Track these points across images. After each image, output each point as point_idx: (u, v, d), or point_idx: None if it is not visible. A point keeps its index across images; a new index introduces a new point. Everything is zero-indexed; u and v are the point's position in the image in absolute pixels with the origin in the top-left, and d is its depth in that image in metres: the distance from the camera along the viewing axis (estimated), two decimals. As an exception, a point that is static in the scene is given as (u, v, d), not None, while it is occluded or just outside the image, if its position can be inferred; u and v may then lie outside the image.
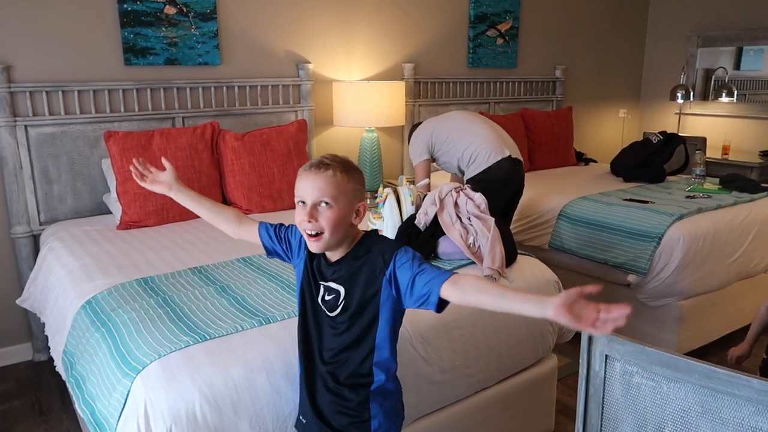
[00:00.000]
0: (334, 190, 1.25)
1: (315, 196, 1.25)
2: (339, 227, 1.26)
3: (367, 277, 1.29)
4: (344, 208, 1.26)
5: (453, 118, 3.02)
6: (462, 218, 2.14)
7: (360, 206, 1.31)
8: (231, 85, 3.32)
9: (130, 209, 2.67)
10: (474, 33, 4.33)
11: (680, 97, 5.10)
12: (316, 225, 1.26)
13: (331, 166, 1.26)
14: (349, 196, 1.27)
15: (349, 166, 1.31)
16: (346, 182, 1.27)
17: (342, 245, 1.32)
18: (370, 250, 1.31)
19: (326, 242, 1.28)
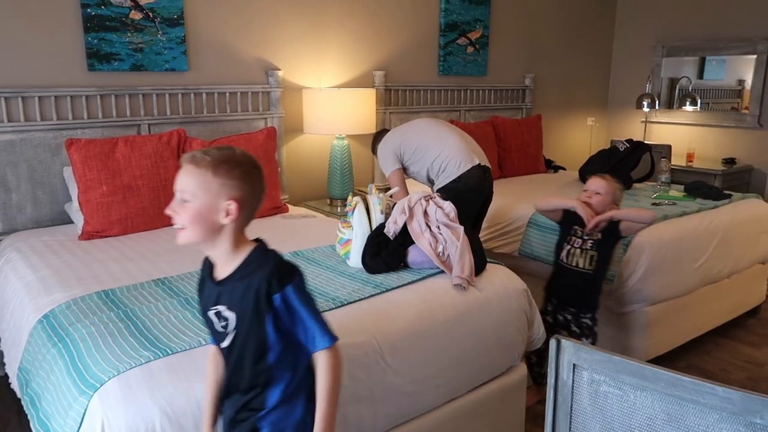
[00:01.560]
0: (192, 186, 1.19)
1: (177, 189, 1.21)
2: (199, 224, 1.20)
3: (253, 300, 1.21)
4: (204, 206, 1.19)
5: (421, 127, 3.02)
6: (431, 227, 2.13)
7: (230, 205, 1.20)
8: (199, 92, 3.27)
9: (92, 219, 2.60)
10: (444, 41, 4.35)
11: (646, 106, 5.20)
12: (178, 218, 1.22)
13: (200, 160, 1.19)
14: (212, 193, 1.19)
15: (222, 160, 1.20)
16: (212, 178, 1.18)
17: (223, 255, 1.26)
18: (257, 270, 1.23)
19: (188, 237, 1.23)
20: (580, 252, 2.38)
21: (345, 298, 1.84)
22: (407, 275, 2.04)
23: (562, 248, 2.44)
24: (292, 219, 2.99)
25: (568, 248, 2.41)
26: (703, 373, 2.92)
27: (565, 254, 2.42)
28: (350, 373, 1.63)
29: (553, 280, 2.53)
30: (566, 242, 2.42)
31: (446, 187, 2.82)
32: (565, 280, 2.43)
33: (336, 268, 2.16)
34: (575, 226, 2.41)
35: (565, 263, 2.42)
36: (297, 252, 2.34)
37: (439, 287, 1.98)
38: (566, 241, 2.42)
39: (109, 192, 2.62)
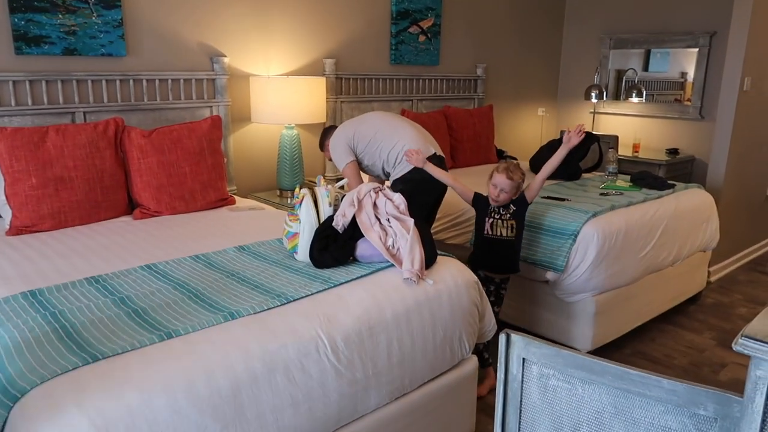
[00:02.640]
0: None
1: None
2: None
3: None
4: None
5: (374, 119, 2.97)
6: (381, 219, 2.08)
7: None
8: (138, 78, 3.11)
9: (21, 213, 2.43)
10: (396, 29, 4.29)
11: (594, 97, 5.29)
12: None
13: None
14: None
15: None
16: None
17: None
18: None
19: None
20: (502, 223, 2.63)
21: (291, 295, 1.78)
22: (356, 269, 1.99)
23: (484, 223, 2.65)
24: (238, 211, 2.89)
25: (491, 221, 2.63)
26: (648, 359, 2.99)
27: (489, 227, 2.64)
28: (292, 374, 1.57)
29: (478, 254, 2.71)
30: (488, 217, 2.64)
31: (403, 178, 2.78)
32: (493, 250, 2.65)
33: (283, 262, 2.08)
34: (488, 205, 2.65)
35: (491, 235, 2.64)
36: (243, 246, 2.25)
37: (388, 281, 1.93)
38: (488, 216, 2.64)
39: (38, 184, 2.46)
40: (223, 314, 1.62)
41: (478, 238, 2.70)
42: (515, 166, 2.59)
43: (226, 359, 1.48)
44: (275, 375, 1.54)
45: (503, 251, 2.65)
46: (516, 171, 2.56)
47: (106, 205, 2.64)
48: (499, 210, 2.62)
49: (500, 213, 2.62)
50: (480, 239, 2.68)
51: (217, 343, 1.51)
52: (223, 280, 1.90)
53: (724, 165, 4.06)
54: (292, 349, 1.58)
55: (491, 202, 2.61)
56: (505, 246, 2.64)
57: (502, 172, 2.55)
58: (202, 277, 1.92)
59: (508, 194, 2.56)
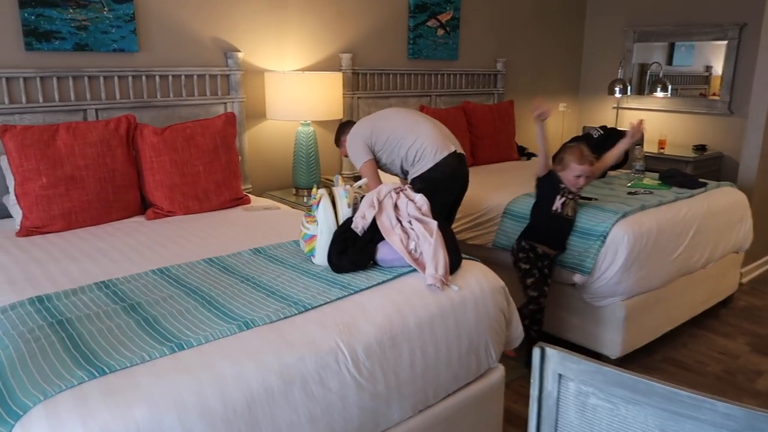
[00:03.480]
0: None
1: None
2: None
3: None
4: None
5: (392, 115, 2.87)
6: (402, 221, 1.98)
7: None
8: (151, 74, 3.03)
9: (31, 213, 2.37)
10: (414, 23, 4.18)
11: (618, 92, 5.13)
12: None
13: None
14: None
15: None
16: None
17: None
18: None
19: None
20: (571, 203, 2.72)
21: (309, 302, 1.68)
22: (377, 275, 1.89)
23: (553, 201, 2.71)
24: (253, 211, 2.80)
25: (563, 200, 2.70)
26: (680, 366, 2.86)
27: (561, 205, 2.70)
28: (311, 388, 1.47)
29: (539, 230, 2.76)
30: (560, 195, 2.70)
31: (422, 176, 2.68)
32: (556, 227, 2.72)
33: (300, 266, 1.99)
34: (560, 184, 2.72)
35: (560, 213, 2.71)
36: (258, 249, 2.16)
37: (411, 288, 1.83)
38: (559, 195, 2.71)
39: (49, 184, 2.39)
40: (237, 324, 1.53)
41: (541, 215, 2.77)
42: (587, 151, 2.69)
43: (241, 373, 1.38)
44: (292, 389, 1.44)
45: (565, 229, 2.73)
46: (590, 155, 2.69)
47: (118, 205, 2.56)
48: (571, 190, 2.72)
49: (572, 194, 2.72)
50: (545, 216, 2.74)
51: (231, 355, 1.42)
52: (237, 285, 1.81)
53: (756, 162, 3.89)
54: (310, 361, 1.49)
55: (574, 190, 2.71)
56: (568, 225, 2.73)
57: (584, 162, 2.65)
58: (216, 283, 1.83)
59: (588, 180, 2.71)
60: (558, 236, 2.75)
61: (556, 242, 2.75)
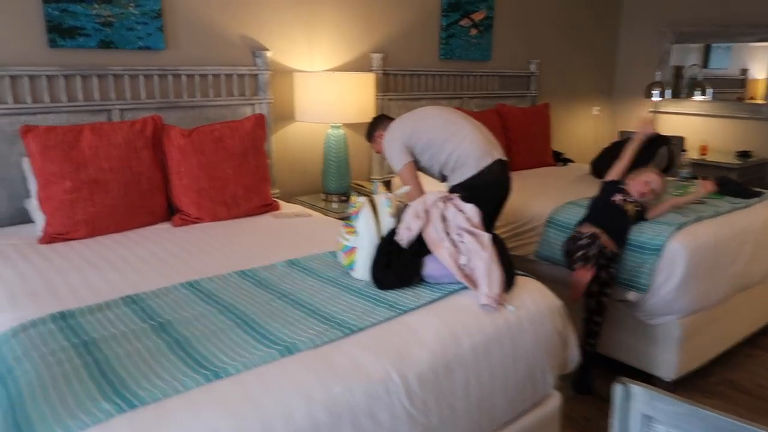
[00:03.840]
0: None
1: None
2: None
3: None
4: None
5: (432, 116, 2.70)
6: (451, 234, 1.82)
7: None
8: (177, 74, 2.90)
9: (54, 219, 2.25)
10: (447, 22, 4.02)
11: (656, 95, 4.92)
12: None
13: None
14: None
15: None
16: None
17: None
18: None
19: None
20: (632, 206, 2.61)
21: (354, 323, 1.53)
22: (425, 292, 1.73)
23: (613, 195, 2.64)
24: (284, 218, 2.66)
25: (621, 198, 2.62)
26: (738, 389, 2.66)
27: (621, 200, 2.62)
28: (360, 422, 1.32)
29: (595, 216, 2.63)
30: (619, 192, 2.65)
31: (463, 185, 2.52)
32: (613, 217, 2.59)
33: (339, 281, 1.84)
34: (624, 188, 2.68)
35: (619, 204, 2.61)
36: (293, 261, 2.01)
37: (463, 308, 1.67)
38: (620, 192, 2.65)
39: (73, 188, 2.26)
40: (278, 348, 1.38)
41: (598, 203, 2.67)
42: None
43: (285, 407, 1.23)
44: (341, 424, 1.29)
45: (621, 223, 2.57)
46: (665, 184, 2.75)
47: (144, 210, 2.43)
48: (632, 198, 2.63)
49: (633, 200, 2.62)
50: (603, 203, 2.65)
51: (273, 385, 1.27)
52: (274, 302, 1.67)
53: (810, 170, 3.67)
54: (359, 392, 1.33)
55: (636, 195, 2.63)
56: (625, 219, 2.58)
57: (659, 176, 2.71)
58: (251, 299, 1.68)
59: (651, 196, 2.65)
60: (614, 228, 2.54)
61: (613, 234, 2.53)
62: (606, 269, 2.49)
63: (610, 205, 2.64)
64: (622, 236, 2.58)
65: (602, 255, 2.49)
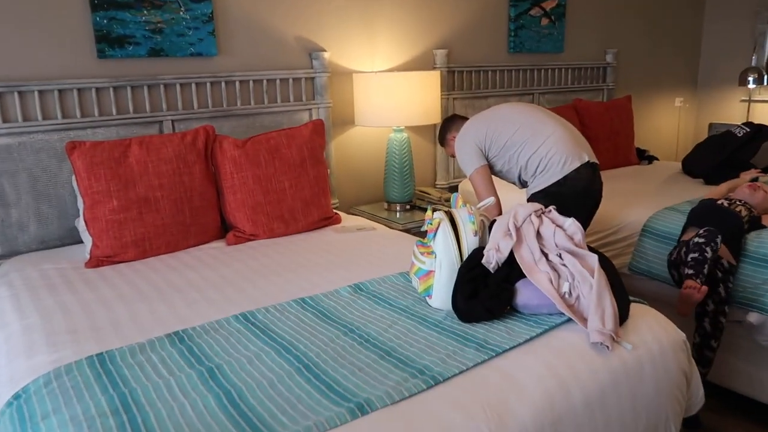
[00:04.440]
0: None
1: None
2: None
3: None
4: None
5: (511, 113, 2.40)
6: (549, 255, 1.52)
7: None
8: (231, 80, 2.72)
9: (101, 241, 2.09)
10: (515, 12, 3.69)
11: (752, 82, 4.41)
12: None
13: None
14: None
15: None
16: None
17: None
18: None
19: None
20: (741, 208, 2.32)
21: (438, 370, 1.25)
22: (520, 327, 1.44)
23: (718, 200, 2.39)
24: (346, 233, 2.42)
25: (727, 203, 2.35)
26: None
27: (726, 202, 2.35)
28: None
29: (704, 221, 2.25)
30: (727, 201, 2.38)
31: (546, 191, 2.21)
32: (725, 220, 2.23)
33: (414, 311, 1.57)
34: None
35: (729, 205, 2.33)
36: (359, 285, 1.76)
37: (570, 347, 1.36)
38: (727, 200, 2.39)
39: (120, 207, 2.10)
40: (348, 407, 1.13)
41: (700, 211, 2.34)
42: None
43: (360, 488, 0.98)
44: (429, 506, 1.02)
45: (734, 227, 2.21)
46: None
47: (196, 229, 2.25)
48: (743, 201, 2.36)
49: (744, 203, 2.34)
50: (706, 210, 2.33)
51: (344, 458, 1.02)
52: (340, 340, 1.42)
53: None
54: (452, 463, 1.06)
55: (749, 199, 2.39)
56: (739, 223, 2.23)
57: None
58: (313, 336, 1.44)
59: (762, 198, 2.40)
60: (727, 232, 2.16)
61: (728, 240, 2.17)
62: (724, 284, 2.11)
63: (718, 209, 2.29)
64: (738, 244, 2.20)
65: (719, 266, 2.12)
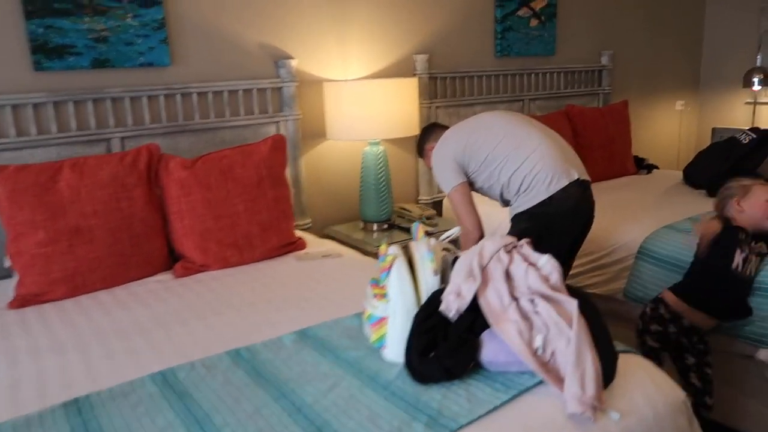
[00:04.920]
0: None
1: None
2: None
3: None
4: None
5: (493, 124, 2.16)
6: (520, 300, 1.28)
7: None
8: (187, 92, 2.50)
9: (26, 278, 1.85)
10: (502, 13, 3.46)
11: (757, 83, 4.16)
12: None
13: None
14: None
15: None
16: None
17: None
18: None
19: None
20: (755, 259, 1.93)
21: (376, 455, 1.02)
22: (483, 391, 1.20)
23: (731, 258, 1.88)
24: (309, 260, 2.19)
25: (744, 255, 1.89)
26: None
27: (741, 262, 1.88)
28: None
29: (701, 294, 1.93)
30: (740, 249, 1.89)
31: (530, 212, 1.97)
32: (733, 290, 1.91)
33: (363, 366, 1.33)
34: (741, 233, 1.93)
35: (740, 273, 1.88)
36: (305, 331, 1.52)
37: (543, 420, 1.12)
38: (740, 248, 1.89)
39: (48, 239, 1.87)
40: None
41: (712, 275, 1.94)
42: None
43: None
44: None
45: (743, 293, 1.93)
46: None
47: (138, 260, 2.01)
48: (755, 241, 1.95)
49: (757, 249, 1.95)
50: (717, 277, 1.93)
51: None
52: (267, 409, 1.18)
53: None
54: None
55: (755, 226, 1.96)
56: (747, 288, 1.93)
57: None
58: (237, 404, 1.20)
59: None
60: (735, 302, 1.93)
61: (733, 310, 1.94)
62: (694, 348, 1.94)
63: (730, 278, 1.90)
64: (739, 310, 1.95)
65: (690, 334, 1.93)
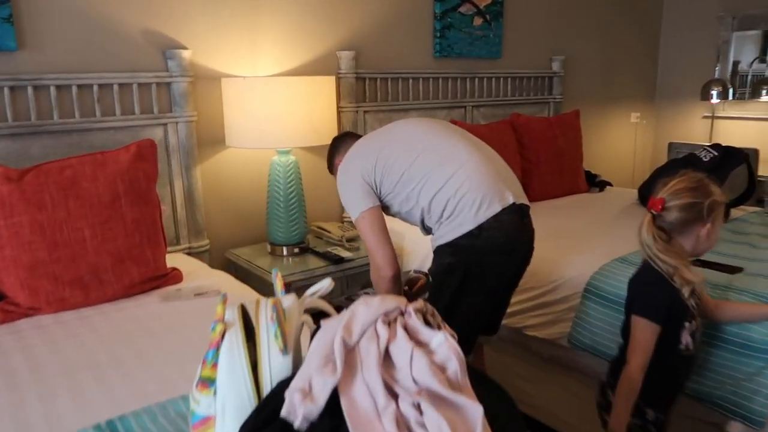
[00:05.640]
0: None
1: None
2: None
3: None
4: None
5: (410, 134, 1.75)
6: (401, 399, 0.85)
7: None
8: (42, 84, 2.01)
9: None
10: (442, 9, 3.07)
11: (716, 96, 3.90)
12: None
13: None
14: None
15: None
16: None
17: None
18: None
19: None
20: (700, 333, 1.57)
21: None
22: None
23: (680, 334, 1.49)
24: (178, 300, 1.72)
25: (692, 329, 1.51)
26: None
27: (690, 338, 1.50)
28: None
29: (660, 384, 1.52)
30: (688, 321, 1.50)
31: (455, 244, 1.57)
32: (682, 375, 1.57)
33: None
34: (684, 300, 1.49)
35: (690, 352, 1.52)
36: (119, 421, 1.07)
37: None
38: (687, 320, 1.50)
39: None
40: None
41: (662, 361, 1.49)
42: None
43: None
44: None
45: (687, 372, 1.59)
46: None
47: (-65, 302, 1.52)
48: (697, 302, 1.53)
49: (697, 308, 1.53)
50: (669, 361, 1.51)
51: None
52: None
53: None
54: None
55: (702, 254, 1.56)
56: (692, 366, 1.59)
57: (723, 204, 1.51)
58: None
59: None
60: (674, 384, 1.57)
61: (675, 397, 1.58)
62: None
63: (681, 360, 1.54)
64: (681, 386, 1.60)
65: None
